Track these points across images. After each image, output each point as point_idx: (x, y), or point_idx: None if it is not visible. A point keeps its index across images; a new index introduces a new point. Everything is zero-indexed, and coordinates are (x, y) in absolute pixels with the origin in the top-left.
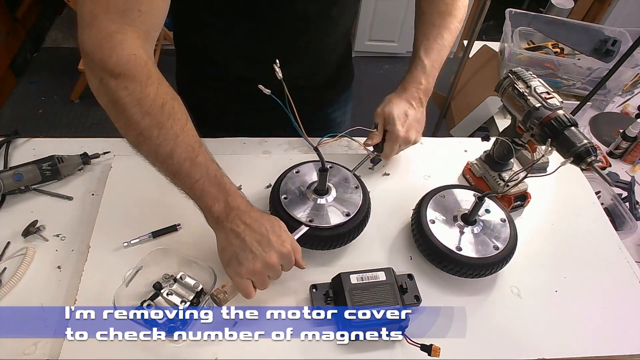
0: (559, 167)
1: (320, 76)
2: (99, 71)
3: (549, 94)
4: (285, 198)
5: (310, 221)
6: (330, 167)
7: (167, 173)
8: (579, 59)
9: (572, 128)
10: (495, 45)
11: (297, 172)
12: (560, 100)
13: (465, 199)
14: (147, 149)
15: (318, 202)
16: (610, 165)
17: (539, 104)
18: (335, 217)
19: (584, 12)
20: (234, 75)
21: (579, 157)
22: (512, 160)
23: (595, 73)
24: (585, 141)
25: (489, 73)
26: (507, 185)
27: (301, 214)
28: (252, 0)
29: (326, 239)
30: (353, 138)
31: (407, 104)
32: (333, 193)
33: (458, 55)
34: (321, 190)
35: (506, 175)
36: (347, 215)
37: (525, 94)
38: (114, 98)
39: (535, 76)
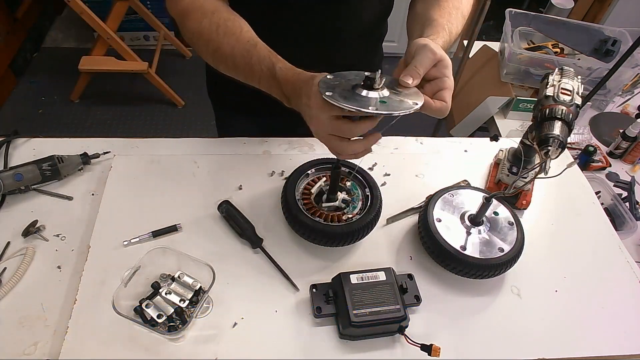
0: (564, 169)
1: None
2: (174, 17)
3: (569, 92)
4: None
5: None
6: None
7: (245, 78)
8: (579, 59)
9: (558, 122)
10: (495, 45)
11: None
12: (577, 103)
13: (474, 199)
14: (224, 67)
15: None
16: (610, 165)
17: (551, 95)
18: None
19: (584, 12)
20: None
21: (540, 142)
22: (533, 160)
23: (595, 73)
24: (557, 133)
25: (489, 73)
26: (513, 188)
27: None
28: None
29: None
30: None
31: None
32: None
33: (458, 55)
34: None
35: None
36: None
37: (548, 83)
38: (186, 35)
39: (578, 78)
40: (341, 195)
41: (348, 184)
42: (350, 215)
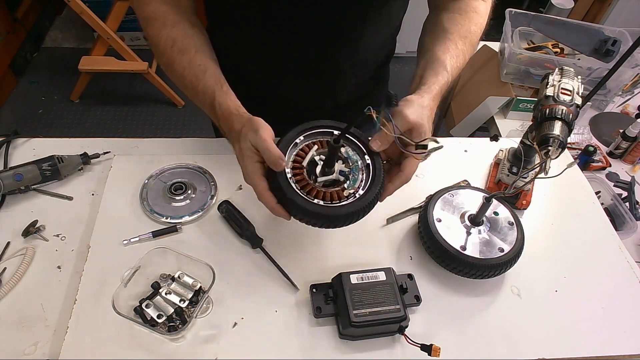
0: (564, 169)
1: (346, 96)
2: (139, 20)
3: (569, 92)
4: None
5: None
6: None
7: (193, 100)
8: (579, 59)
9: (558, 122)
10: (495, 45)
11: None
12: (577, 103)
13: (474, 199)
14: (174, 80)
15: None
16: (610, 165)
17: (551, 95)
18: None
19: (584, 12)
20: (251, 84)
21: (540, 142)
22: (533, 160)
23: (595, 73)
24: (557, 133)
25: (489, 73)
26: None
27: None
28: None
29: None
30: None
31: (432, 115)
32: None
33: None
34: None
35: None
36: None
37: (548, 83)
38: (147, 39)
39: (578, 78)
40: (338, 166)
41: (343, 150)
42: (351, 190)
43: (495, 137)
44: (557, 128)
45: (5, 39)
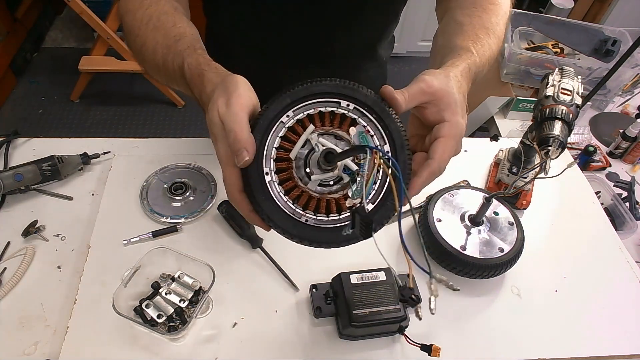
0: (564, 169)
1: None
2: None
3: (569, 92)
4: None
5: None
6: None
7: (167, 82)
8: (579, 59)
9: (558, 122)
10: None
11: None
12: (577, 103)
13: (474, 199)
14: (149, 68)
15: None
16: (610, 165)
17: (551, 95)
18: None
19: (584, 12)
20: (249, 75)
21: (540, 142)
22: (533, 160)
23: (595, 73)
24: (557, 133)
25: (489, 73)
26: (513, 188)
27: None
28: None
29: None
30: None
31: (465, 95)
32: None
33: None
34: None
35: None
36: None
37: (548, 83)
38: (124, 34)
39: (578, 78)
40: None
41: (354, 132)
42: (357, 200)
43: (495, 137)
44: (557, 128)
45: (5, 39)
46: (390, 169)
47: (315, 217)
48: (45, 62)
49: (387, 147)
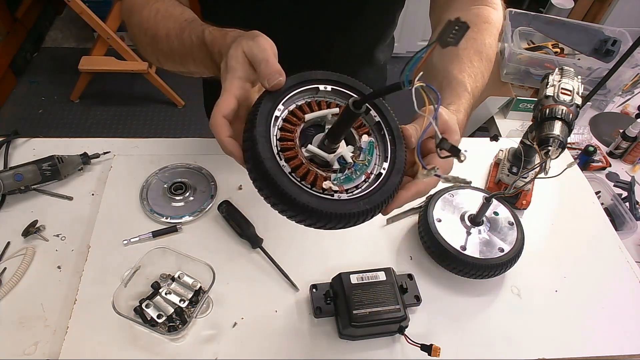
0: (564, 169)
1: None
2: (124, 21)
3: (569, 92)
4: None
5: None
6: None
7: (181, 62)
8: (579, 59)
9: (558, 122)
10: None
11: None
12: (577, 103)
13: (474, 199)
14: (163, 57)
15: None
16: (610, 165)
17: (551, 95)
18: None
19: (584, 12)
20: None
21: (540, 142)
22: (533, 160)
23: (595, 73)
24: (557, 133)
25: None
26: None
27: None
28: None
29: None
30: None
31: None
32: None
33: None
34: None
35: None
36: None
37: (548, 83)
38: (131, 34)
39: (578, 78)
40: (344, 149)
41: (365, 139)
42: (333, 186)
43: (495, 137)
44: (557, 128)
45: (5, 39)
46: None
47: (292, 173)
48: (45, 62)
49: (385, 165)
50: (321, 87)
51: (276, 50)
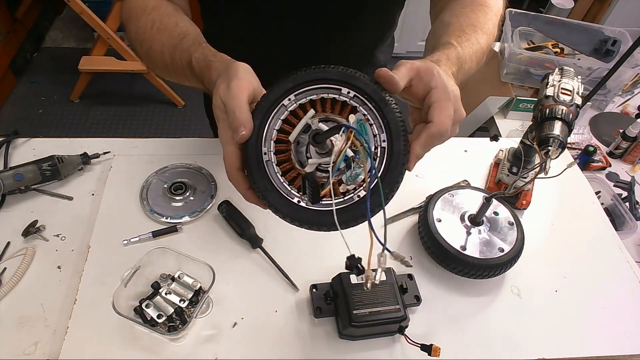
0: (564, 169)
1: None
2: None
3: (569, 92)
4: None
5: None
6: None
7: (177, 80)
8: (579, 59)
9: (558, 122)
10: (495, 45)
11: None
12: (577, 103)
13: (474, 199)
14: (158, 70)
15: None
16: (610, 165)
17: (551, 94)
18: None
19: (584, 12)
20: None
21: (540, 142)
22: (533, 160)
23: (595, 73)
24: (557, 133)
25: (489, 73)
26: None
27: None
28: None
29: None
30: None
31: (449, 73)
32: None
33: None
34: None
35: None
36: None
37: (548, 83)
38: (130, 42)
39: (578, 78)
40: (339, 139)
41: (353, 119)
42: (351, 186)
43: (495, 137)
44: (557, 128)
45: (5, 39)
46: (361, 144)
47: (297, 193)
48: (45, 62)
49: (384, 136)
50: (286, 101)
51: (255, 82)
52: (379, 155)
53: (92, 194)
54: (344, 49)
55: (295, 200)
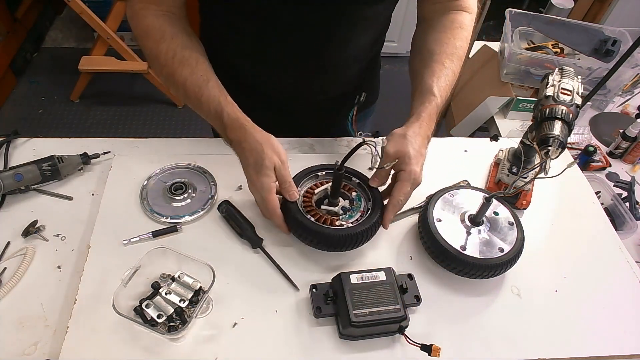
0: (564, 169)
1: (337, 89)
2: (136, 36)
3: (569, 92)
4: None
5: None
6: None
7: (193, 108)
8: (579, 59)
9: (558, 122)
10: (495, 45)
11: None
12: (577, 103)
13: (474, 199)
14: (174, 91)
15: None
16: (610, 165)
17: (551, 94)
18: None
19: (584, 12)
20: (242, 77)
21: (540, 142)
22: (533, 160)
23: (595, 73)
24: (557, 133)
25: (488, 73)
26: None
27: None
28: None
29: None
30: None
31: (422, 141)
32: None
33: None
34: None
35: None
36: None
37: (548, 83)
38: (144, 53)
39: (578, 78)
40: (342, 203)
41: (354, 194)
42: (343, 223)
43: (495, 137)
44: (557, 128)
45: (5, 39)
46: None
47: (315, 221)
48: (45, 62)
49: (370, 204)
50: (319, 173)
51: (282, 156)
52: (364, 213)
53: (92, 194)
54: (342, 49)
55: (309, 218)
